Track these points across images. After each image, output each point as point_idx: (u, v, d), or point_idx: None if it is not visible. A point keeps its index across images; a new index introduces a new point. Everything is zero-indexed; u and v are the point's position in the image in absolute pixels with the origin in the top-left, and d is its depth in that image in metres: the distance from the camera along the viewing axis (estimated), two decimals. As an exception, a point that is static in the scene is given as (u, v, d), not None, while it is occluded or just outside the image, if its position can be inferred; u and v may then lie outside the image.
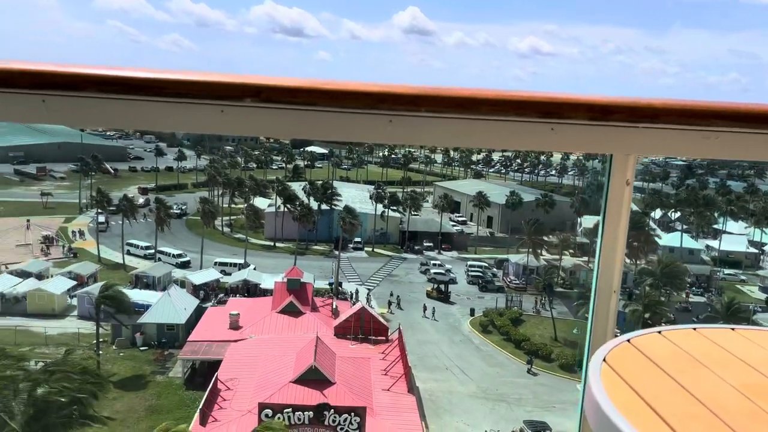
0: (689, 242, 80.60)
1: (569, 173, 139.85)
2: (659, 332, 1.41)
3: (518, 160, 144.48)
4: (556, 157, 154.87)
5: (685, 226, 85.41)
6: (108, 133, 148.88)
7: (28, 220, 75.82)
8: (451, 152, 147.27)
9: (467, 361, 48.93)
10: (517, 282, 67.61)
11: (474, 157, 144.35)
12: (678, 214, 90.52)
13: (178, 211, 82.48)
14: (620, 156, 1.59)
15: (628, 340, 1.35)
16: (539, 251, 69.67)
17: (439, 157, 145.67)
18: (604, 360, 1.26)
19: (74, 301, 52.18)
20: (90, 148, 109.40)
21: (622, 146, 1.54)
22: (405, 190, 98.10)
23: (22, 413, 27.32)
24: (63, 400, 27.80)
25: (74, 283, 54.62)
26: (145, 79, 1.34)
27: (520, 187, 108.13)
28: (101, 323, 44.59)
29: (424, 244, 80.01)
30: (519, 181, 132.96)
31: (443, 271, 68.27)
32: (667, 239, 79.01)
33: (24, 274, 55.55)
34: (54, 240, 71.07)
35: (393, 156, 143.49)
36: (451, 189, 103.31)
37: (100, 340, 44.68)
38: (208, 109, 1.39)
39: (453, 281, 65.33)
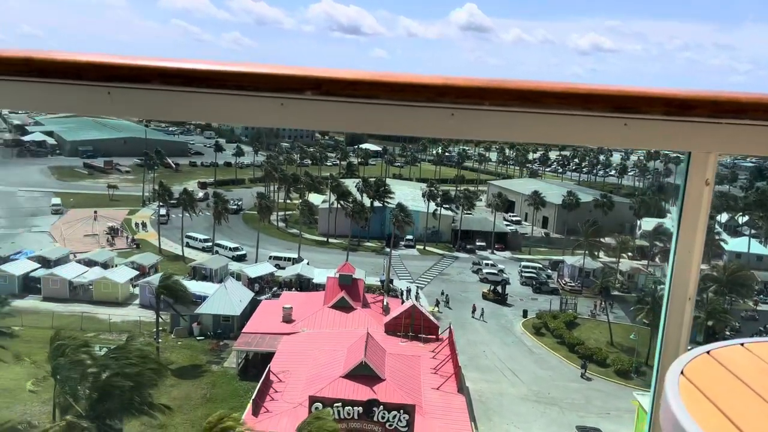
0: (758, 248, 76.73)
1: (629, 174, 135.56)
2: (742, 344, 1.31)
3: (576, 160, 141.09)
4: (616, 157, 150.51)
5: (753, 231, 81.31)
6: (170, 129, 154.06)
7: (95, 212, 79.44)
8: (507, 150, 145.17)
9: (519, 363, 48.20)
10: (573, 284, 66.10)
11: (530, 156, 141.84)
12: (746, 218, 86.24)
13: (235, 207, 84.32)
14: (699, 154, 1.49)
15: (708, 352, 1.26)
16: (596, 253, 67.86)
17: (493, 156, 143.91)
18: (681, 373, 1.17)
19: (136, 291, 54.29)
20: (153, 143, 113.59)
21: (702, 143, 1.44)
22: (458, 189, 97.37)
23: (86, 396, 28.61)
24: (125, 385, 28.94)
25: (136, 272, 56.82)
26: (207, 71, 1.34)
27: (578, 187, 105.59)
28: (161, 312, 46.22)
29: (477, 243, 79.21)
30: (576, 181, 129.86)
31: (496, 271, 67.44)
32: (733, 244, 75.47)
33: (91, 263, 58.19)
34: (119, 231, 74.13)
35: (447, 154, 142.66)
36: (505, 188, 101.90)
37: (160, 328, 46.31)
38: (269, 101, 1.37)
39: (506, 282, 64.43)
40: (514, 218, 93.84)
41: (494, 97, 1.37)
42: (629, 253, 72.68)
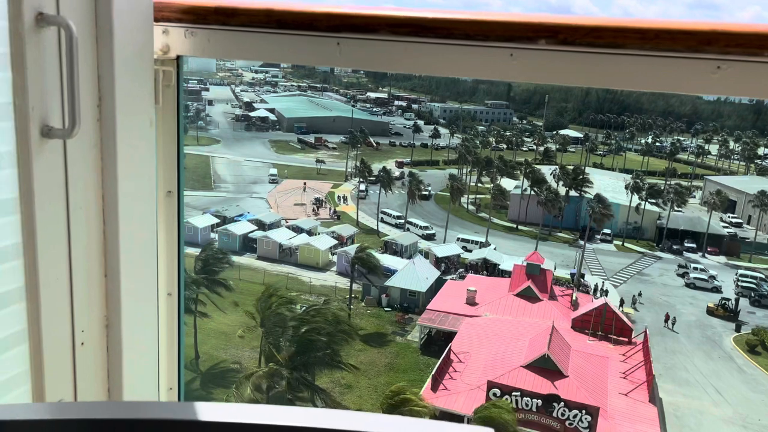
0: None
1: None
2: None
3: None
4: None
5: None
6: (374, 110, 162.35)
7: (304, 183, 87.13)
8: (731, 143, 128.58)
9: (725, 381, 42.91)
10: (804, 302, 56.77)
11: (760, 151, 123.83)
12: None
13: (425, 193, 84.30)
14: None
15: None
16: (839, 269, 57.38)
17: (714, 148, 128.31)
18: None
19: (334, 258, 58.58)
20: (358, 122, 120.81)
21: None
22: (668, 183, 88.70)
23: (287, 348, 31.74)
24: (320, 342, 31.55)
25: (336, 242, 61.24)
26: (435, 19, 1.27)
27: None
28: (354, 281, 49.40)
29: (685, 244, 71.62)
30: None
31: (705, 277, 60.46)
32: None
33: (298, 230, 64.06)
34: (323, 202, 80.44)
35: (657, 143, 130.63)
36: (726, 185, 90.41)
37: (352, 296, 49.50)
38: (497, 52, 1.26)
39: (717, 290, 57.45)
40: (734, 220, 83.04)
41: None
42: None
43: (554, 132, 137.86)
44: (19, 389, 1.27)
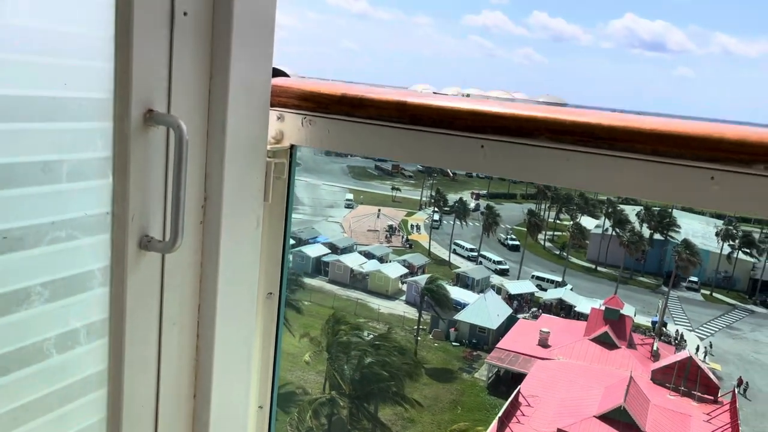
0: None
1: None
2: None
3: None
4: None
5: None
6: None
7: (379, 210, 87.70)
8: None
9: (826, 456, 38.97)
10: None
11: None
12: None
13: (514, 243, 77.97)
14: None
15: None
16: None
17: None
18: None
19: (404, 287, 58.23)
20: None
21: None
22: (764, 231, 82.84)
23: (351, 377, 31.56)
24: (383, 373, 31.16)
25: (406, 270, 60.89)
26: (612, 127, 1.01)
27: None
28: (423, 311, 48.77)
29: (782, 298, 66.35)
30: None
31: (805, 337, 55.63)
32: None
33: (369, 256, 64.26)
34: (396, 230, 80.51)
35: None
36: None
37: (420, 327, 48.83)
38: (695, 174, 0.96)
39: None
40: (839, 276, 76.24)
41: None
42: None
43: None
44: None
